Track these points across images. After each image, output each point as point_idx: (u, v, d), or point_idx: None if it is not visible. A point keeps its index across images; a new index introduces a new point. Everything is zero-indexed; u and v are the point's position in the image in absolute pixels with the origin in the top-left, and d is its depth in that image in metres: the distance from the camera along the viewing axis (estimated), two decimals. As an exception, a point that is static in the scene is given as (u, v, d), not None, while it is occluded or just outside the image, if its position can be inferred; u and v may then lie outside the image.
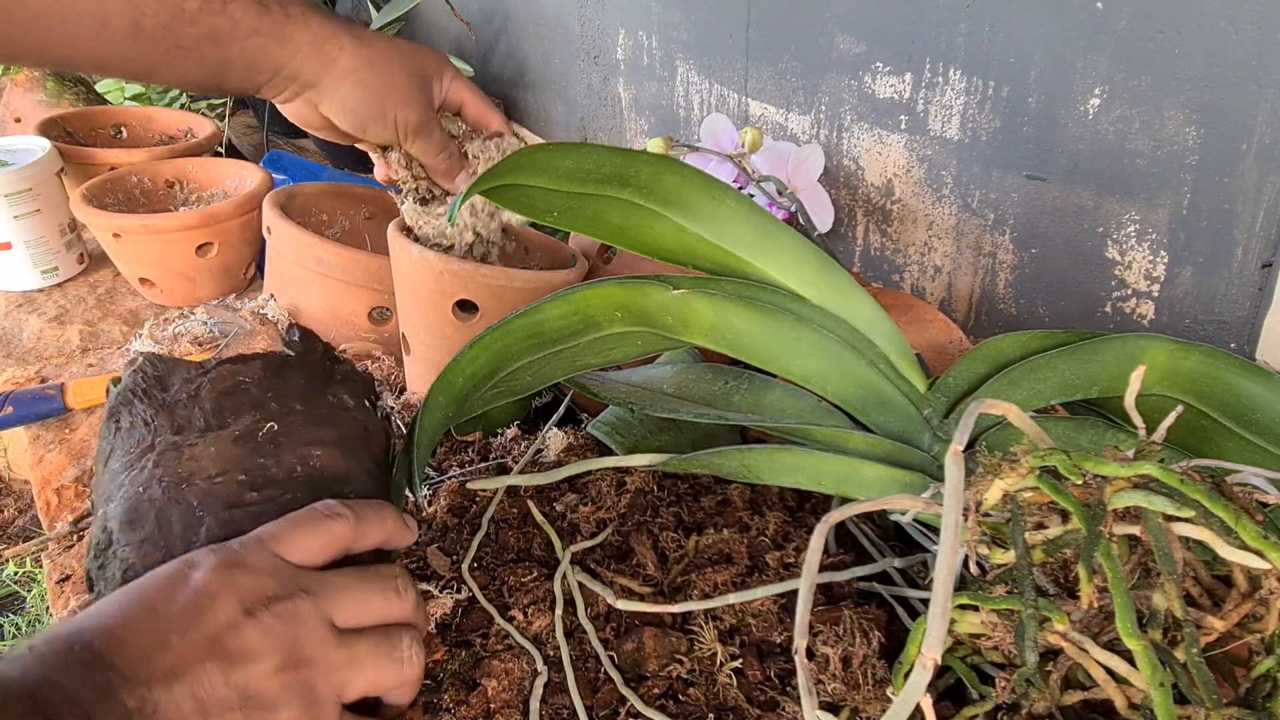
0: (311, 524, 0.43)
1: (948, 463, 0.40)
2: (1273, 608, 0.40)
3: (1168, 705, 0.37)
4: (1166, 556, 0.39)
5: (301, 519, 0.43)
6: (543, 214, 0.58)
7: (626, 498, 0.63)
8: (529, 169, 0.56)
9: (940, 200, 0.94)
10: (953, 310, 0.97)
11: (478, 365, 0.56)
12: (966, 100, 0.87)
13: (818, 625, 0.51)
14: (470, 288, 0.71)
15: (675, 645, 0.52)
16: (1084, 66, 0.77)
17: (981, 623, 0.43)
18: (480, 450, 0.72)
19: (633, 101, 1.33)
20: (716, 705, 0.49)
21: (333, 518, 0.44)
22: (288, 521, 0.42)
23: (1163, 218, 0.77)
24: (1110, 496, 0.40)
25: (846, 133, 1.01)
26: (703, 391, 0.64)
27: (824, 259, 0.60)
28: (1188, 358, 0.56)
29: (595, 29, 1.34)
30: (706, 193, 0.60)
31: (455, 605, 0.57)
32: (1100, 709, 0.43)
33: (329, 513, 0.44)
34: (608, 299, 0.59)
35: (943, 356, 0.75)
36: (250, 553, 0.40)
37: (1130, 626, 0.37)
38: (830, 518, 0.46)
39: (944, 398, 0.59)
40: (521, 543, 0.62)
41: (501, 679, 0.51)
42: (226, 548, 0.40)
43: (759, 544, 0.59)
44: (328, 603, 0.41)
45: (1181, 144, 0.73)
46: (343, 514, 0.44)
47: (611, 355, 0.61)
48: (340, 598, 0.42)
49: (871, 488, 0.53)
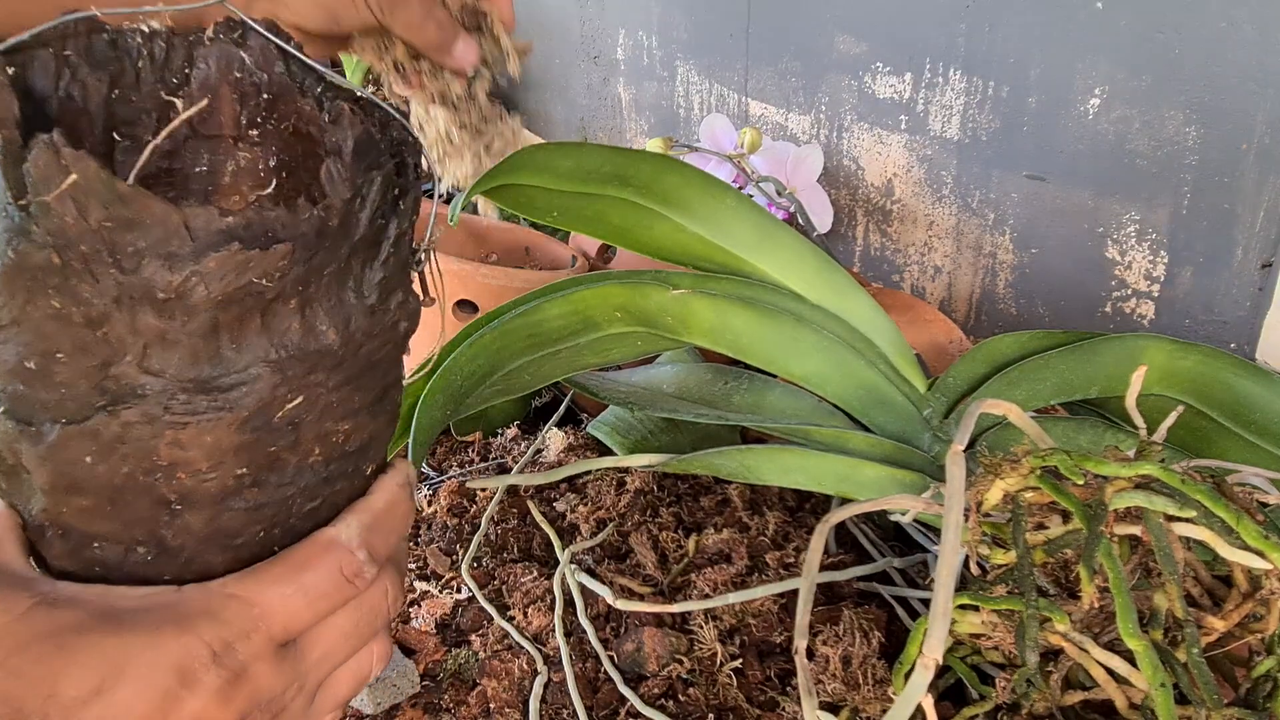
0: (327, 596, 0.32)
1: (949, 463, 0.40)
2: (1273, 608, 0.40)
3: (1168, 705, 0.37)
4: (1168, 556, 0.39)
5: (317, 588, 0.31)
6: (543, 214, 0.58)
7: (626, 497, 0.63)
8: (529, 169, 0.56)
9: (940, 200, 0.94)
10: (953, 310, 0.97)
11: (476, 364, 0.56)
12: (966, 100, 0.87)
13: (818, 625, 0.51)
14: (470, 287, 0.71)
15: (675, 645, 0.52)
16: (1084, 66, 0.77)
17: (982, 623, 0.43)
18: (480, 450, 0.72)
19: (633, 101, 1.33)
20: (716, 705, 0.49)
21: (354, 582, 0.32)
22: (297, 588, 0.31)
23: (1163, 218, 0.77)
24: (1111, 497, 0.40)
25: (846, 133, 1.01)
26: (703, 391, 0.64)
27: (824, 259, 0.60)
28: (1186, 358, 0.56)
29: (595, 29, 1.34)
30: (706, 192, 0.60)
31: (455, 605, 0.57)
32: (1100, 709, 0.43)
33: (352, 575, 0.32)
34: (607, 299, 0.59)
35: (943, 356, 0.75)
36: (251, 650, 0.30)
37: (1131, 626, 0.37)
38: (830, 518, 0.46)
39: (944, 398, 0.59)
40: (521, 542, 0.62)
41: (501, 679, 0.51)
42: (230, 651, 0.29)
43: (759, 544, 0.59)
44: (314, 682, 0.33)
45: (1181, 144, 0.73)
46: (365, 575, 0.33)
47: (611, 355, 0.60)
48: (328, 672, 0.34)
49: (871, 488, 0.53)
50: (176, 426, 0.27)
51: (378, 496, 0.34)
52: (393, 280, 0.30)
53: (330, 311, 0.28)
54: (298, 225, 0.26)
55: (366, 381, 0.31)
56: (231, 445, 0.28)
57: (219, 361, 0.27)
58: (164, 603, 0.29)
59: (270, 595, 0.30)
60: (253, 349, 0.27)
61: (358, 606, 0.33)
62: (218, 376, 0.27)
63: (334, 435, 0.31)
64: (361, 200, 0.28)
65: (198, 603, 0.29)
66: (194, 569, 0.30)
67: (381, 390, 0.32)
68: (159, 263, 0.25)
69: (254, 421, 0.28)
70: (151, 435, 0.27)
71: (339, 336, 0.29)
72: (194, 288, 0.25)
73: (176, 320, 0.26)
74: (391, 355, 0.32)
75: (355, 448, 0.32)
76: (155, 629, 0.28)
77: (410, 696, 0.52)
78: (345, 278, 0.29)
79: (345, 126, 0.28)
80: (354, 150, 0.28)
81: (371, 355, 0.30)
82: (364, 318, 0.29)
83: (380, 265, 0.29)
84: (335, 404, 0.30)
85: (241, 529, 0.30)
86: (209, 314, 0.26)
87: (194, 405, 0.27)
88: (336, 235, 0.27)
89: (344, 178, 0.27)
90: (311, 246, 0.27)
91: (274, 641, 0.30)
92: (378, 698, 0.51)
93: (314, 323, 0.28)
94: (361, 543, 0.32)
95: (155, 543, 0.30)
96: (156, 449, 0.28)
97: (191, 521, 0.29)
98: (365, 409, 0.31)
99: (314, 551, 0.32)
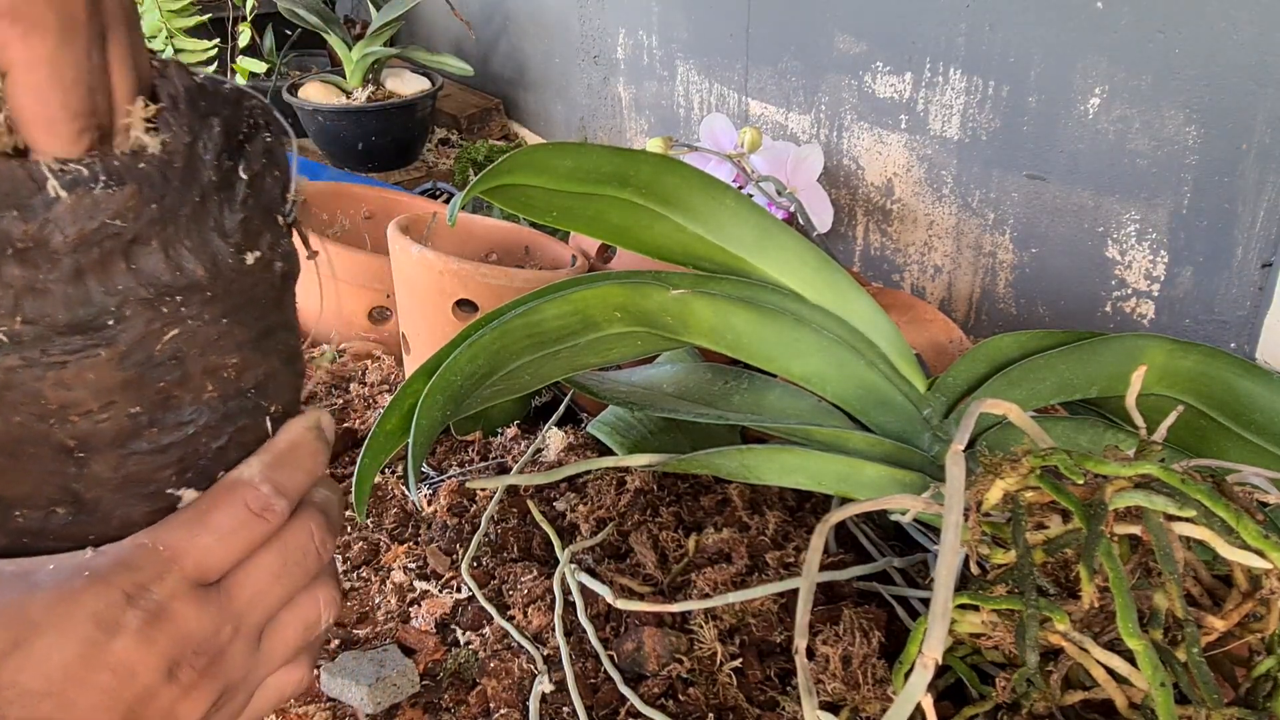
0: (236, 532, 0.32)
1: (949, 462, 0.40)
2: (1273, 607, 0.40)
3: (1169, 705, 0.37)
4: (1168, 556, 0.39)
5: (226, 525, 0.32)
6: (543, 214, 0.57)
7: (626, 497, 0.63)
8: (529, 169, 0.56)
9: (940, 200, 0.94)
10: (953, 310, 0.97)
11: (476, 364, 0.56)
12: (966, 100, 0.87)
13: (818, 625, 0.51)
14: (470, 287, 0.71)
15: (675, 645, 0.52)
16: (1084, 66, 0.77)
17: (982, 622, 0.43)
18: (480, 450, 0.72)
19: (633, 101, 1.33)
20: (716, 705, 0.49)
21: (263, 516, 0.33)
22: (206, 528, 0.31)
23: (1163, 217, 0.77)
24: (1111, 496, 0.40)
25: (846, 132, 1.01)
26: (703, 391, 0.64)
27: (823, 259, 0.60)
28: (1186, 357, 0.56)
29: (595, 29, 1.34)
30: (706, 192, 0.60)
31: (455, 604, 0.57)
32: (1100, 709, 0.43)
33: (260, 509, 0.33)
34: (607, 299, 0.59)
35: (943, 356, 0.75)
36: (168, 589, 0.30)
37: (1132, 626, 0.37)
38: (830, 518, 0.46)
39: (944, 398, 0.59)
40: (521, 542, 0.62)
41: (501, 678, 0.51)
42: (145, 593, 0.29)
43: (759, 543, 0.59)
44: (251, 625, 0.33)
45: (1181, 144, 0.73)
46: (275, 508, 0.33)
47: (611, 355, 0.60)
48: (265, 615, 0.34)
49: (871, 488, 0.53)
50: (57, 366, 0.29)
51: (281, 437, 0.35)
52: (255, 221, 0.32)
53: (196, 250, 0.30)
54: (140, 168, 0.28)
55: (246, 317, 0.32)
56: (116, 381, 0.30)
57: (91, 303, 0.29)
58: (77, 563, 0.30)
59: (179, 537, 0.31)
60: (122, 289, 0.29)
61: (282, 546, 0.33)
62: (92, 317, 0.29)
63: (223, 370, 0.32)
64: (204, 144, 0.30)
65: (109, 556, 0.30)
66: (116, 524, 0.31)
67: (265, 328, 0.34)
68: (13, 214, 0.27)
69: (134, 356, 0.30)
70: (35, 379, 0.29)
71: (206, 272, 0.30)
72: (50, 234, 0.27)
73: (40, 269, 0.28)
74: (270, 295, 0.34)
75: (251, 385, 0.33)
76: (67, 582, 0.29)
77: (410, 696, 0.52)
78: (204, 217, 0.30)
79: (173, 78, 0.30)
80: (186, 98, 0.30)
81: (248, 291, 0.32)
82: (232, 256, 0.31)
83: (240, 206, 0.31)
84: (216, 338, 0.31)
85: (152, 473, 0.31)
86: (70, 259, 0.28)
87: (71, 345, 0.29)
88: (184, 176, 0.29)
89: (180, 123, 0.29)
90: (159, 187, 0.29)
91: (190, 581, 0.31)
92: (378, 698, 0.51)
93: (180, 260, 0.30)
94: (264, 478, 0.33)
95: (72, 500, 0.31)
96: (42, 391, 0.29)
97: (99, 470, 0.30)
98: (249, 344, 0.33)
99: (219, 491, 0.33)
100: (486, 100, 1.62)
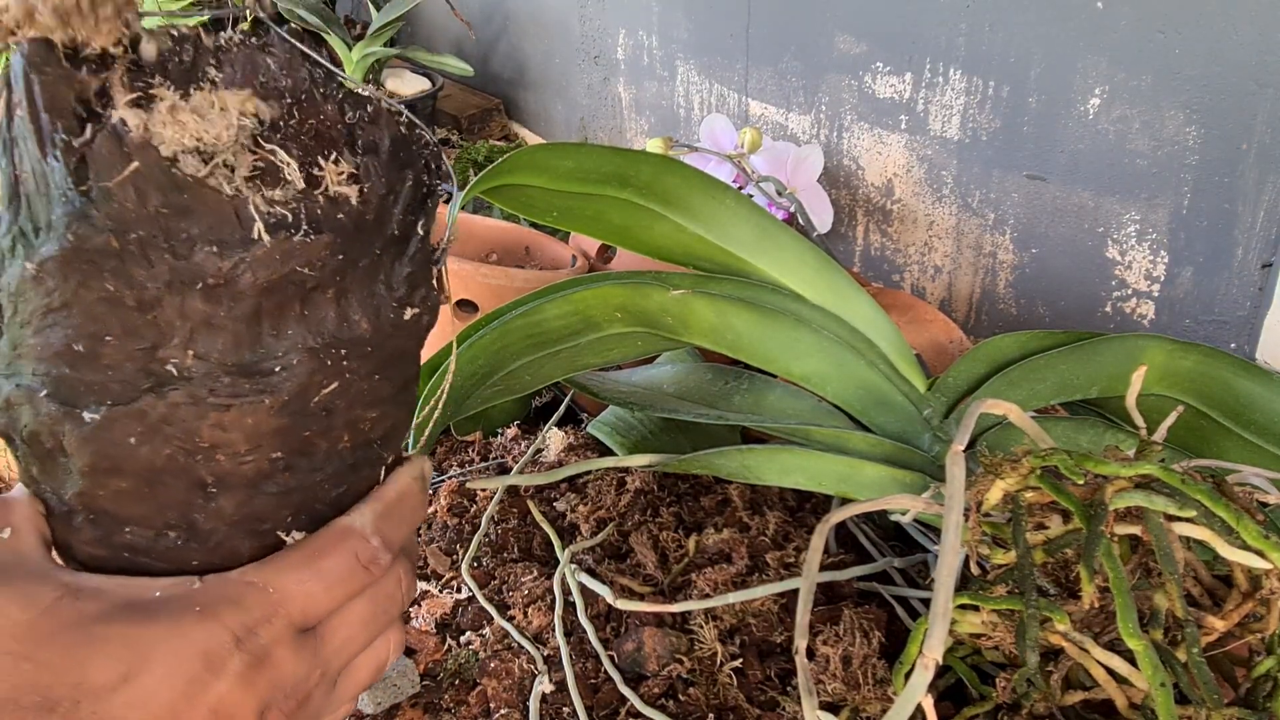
0: (343, 582, 0.32)
1: (949, 462, 0.40)
2: (1273, 607, 0.40)
3: (1169, 705, 0.37)
4: (1168, 556, 0.39)
5: (334, 574, 0.31)
6: (543, 214, 0.58)
7: (626, 497, 0.63)
8: (529, 169, 0.56)
9: (940, 200, 0.94)
10: (953, 310, 0.97)
11: (476, 365, 0.56)
12: (966, 100, 0.87)
13: (818, 625, 0.51)
14: (470, 287, 0.71)
15: (675, 645, 0.52)
16: (1084, 66, 0.77)
17: (982, 623, 0.43)
18: (480, 450, 0.72)
19: (633, 101, 1.33)
20: (716, 705, 0.49)
21: (369, 568, 0.32)
22: (314, 574, 0.31)
23: (1163, 218, 0.77)
24: (1111, 496, 0.40)
25: (846, 133, 1.01)
26: (703, 392, 0.64)
27: (824, 259, 0.60)
28: (1186, 358, 0.56)
29: (595, 29, 1.34)
30: (706, 193, 0.60)
31: (455, 604, 0.57)
32: (1101, 709, 0.43)
33: (368, 561, 0.32)
34: (607, 299, 0.59)
35: (943, 356, 0.75)
36: (273, 634, 0.30)
37: (1132, 626, 0.37)
38: (830, 518, 0.46)
39: (944, 398, 0.59)
40: (521, 542, 0.62)
41: (501, 678, 0.51)
42: (252, 636, 0.29)
43: (759, 544, 0.59)
44: (335, 669, 0.33)
45: (1181, 144, 0.73)
46: (380, 562, 0.33)
47: (611, 355, 0.61)
48: (348, 660, 0.34)
49: (871, 488, 0.53)
50: (220, 409, 0.28)
51: (391, 486, 0.34)
52: (418, 275, 0.31)
53: (363, 302, 0.29)
54: (339, 217, 0.27)
55: (393, 371, 0.32)
56: (270, 428, 0.29)
57: (260, 347, 0.28)
58: (185, 592, 0.29)
59: (288, 581, 0.31)
60: (292, 335, 0.28)
61: (374, 594, 0.33)
62: (259, 361, 0.28)
63: (362, 422, 0.32)
64: (395, 196, 0.29)
65: (218, 591, 0.30)
66: (220, 554, 0.31)
67: (404, 381, 0.33)
68: (210, 249, 0.26)
69: (292, 405, 0.29)
70: (196, 417, 0.28)
71: (370, 326, 0.30)
72: (242, 274, 0.27)
73: (223, 306, 0.27)
74: (414, 348, 0.33)
75: (379, 436, 0.33)
76: (179, 616, 0.29)
77: (410, 696, 0.52)
78: (377, 271, 0.30)
79: (382, 125, 0.29)
80: (390, 148, 0.29)
81: (398, 346, 0.31)
82: (392, 310, 0.30)
83: (409, 260, 0.30)
84: (365, 391, 0.31)
85: (271, 513, 0.31)
86: (253, 300, 0.27)
87: (237, 388, 0.28)
88: (371, 229, 0.29)
89: (380, 174, 0.28)
90: (349, 238, 0.28)
91: (294, 627, 0.31)
92: (378, 698, 0.51)
93: (348, 312, 0.29)
94: (375, 530, 0.33)
95: (187, 526, 0.30)
96: (200, 430, 0.28)
97: (225, 505, 0.30)
98: (390, 398, 0.32)
99: (330, 539, 0.32)
100: (487, 100, 1.62)
